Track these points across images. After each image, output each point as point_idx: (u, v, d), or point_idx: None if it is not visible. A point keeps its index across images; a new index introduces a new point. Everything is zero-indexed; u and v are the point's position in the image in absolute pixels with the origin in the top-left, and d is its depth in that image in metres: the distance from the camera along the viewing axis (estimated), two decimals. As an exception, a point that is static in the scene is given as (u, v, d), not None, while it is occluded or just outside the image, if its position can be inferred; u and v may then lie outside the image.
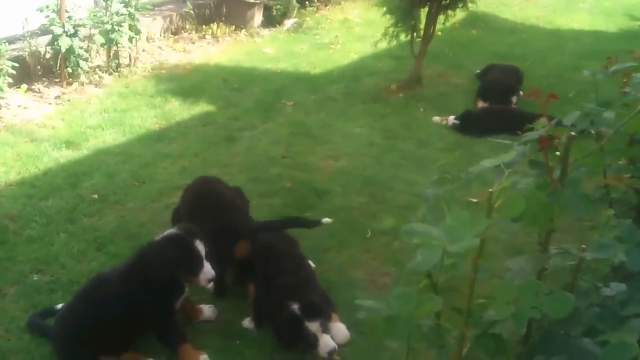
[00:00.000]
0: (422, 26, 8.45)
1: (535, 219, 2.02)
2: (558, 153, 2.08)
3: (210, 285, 4.20)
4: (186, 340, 3.98)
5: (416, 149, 7.05)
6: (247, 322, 4.36)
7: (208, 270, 3.91)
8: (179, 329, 4.01)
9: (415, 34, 8.46)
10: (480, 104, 8.31)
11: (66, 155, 6.56)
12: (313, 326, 4.02)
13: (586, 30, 12.27)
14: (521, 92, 8.29)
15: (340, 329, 4.24)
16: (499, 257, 3.35)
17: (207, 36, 11.01)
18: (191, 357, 3.95)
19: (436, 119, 7.79)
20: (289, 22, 11.70)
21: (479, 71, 9.21)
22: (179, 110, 7.85)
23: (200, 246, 3.90)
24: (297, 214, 5.39)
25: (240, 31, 11.24)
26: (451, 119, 7.63)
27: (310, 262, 4.74)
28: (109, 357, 3.91)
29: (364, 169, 6.43)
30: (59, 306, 4.30)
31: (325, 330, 4.08)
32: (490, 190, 2.06)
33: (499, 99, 8.15)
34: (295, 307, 4.06)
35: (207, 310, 4.38)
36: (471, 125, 7.46)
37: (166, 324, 3.94)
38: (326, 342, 4.03)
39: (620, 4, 14.18)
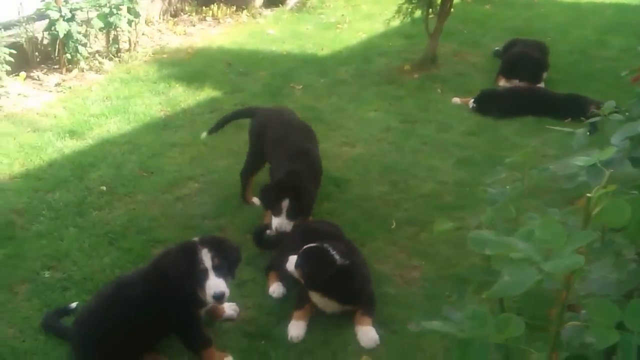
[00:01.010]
0: (438, 1, 8.13)
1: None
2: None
3: (216, 303, 3.74)
4: (211, 345, 3.74)
5: (436, 133, 6.79)
6: (273, 289, 4.29)
7: (213, 284, 3.56)
8: (204, 332, 3.78)
9: (430, 10, 8.13)
10: (503, 82, 7.99)
11: (70, 145, 6.29)
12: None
13: (607, 3, 11.91)
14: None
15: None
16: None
17: (207, 18, 10.71)
18: (216, 360, 3.73)
19: (456, 100, 7.51)
20: (291, 1, 11.38)
21: (498, 48, 8.87)
22: (184, 97, 7.57)
23: (206, 256, 3.58)
24: (316, 205, 5.13)
25: (242, 12, 10.93)
26: (471, 102, 7.35)
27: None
28: (130, 360, 3.67)
29: (382, 155, 6.17)
30: (74, 305, 4.10)
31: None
32: (588, 195, 1.79)
33: (529, 76, 7.80)
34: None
35: (229, 308, 4.14)
36: (490, 106, 7.17)
37: (190, 328, 3.71)
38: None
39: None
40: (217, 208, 5.29)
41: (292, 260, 4.09)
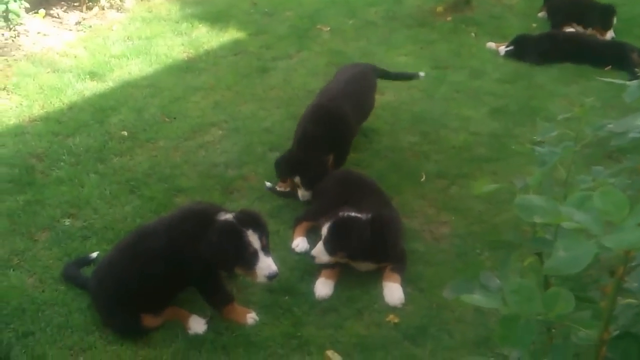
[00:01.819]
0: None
1: None
2: None
3: (268, 282, 3.62)
4: (232, 300, 3.65)
5: (469, 80, 6.49)
6: (297, 243, 4.19)
7: (266, 265, 3.45)
8: (225, 288, 3.68)
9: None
10: (570, 28, 7.52)
11: (91, 87, 6.13)
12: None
13: None
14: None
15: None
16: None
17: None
18: (238, 316, 3.64)
19: (491, 44, 7.15)
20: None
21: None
22: (207, 38, 7.31)
23: (254, 238, 3.43)
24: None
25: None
26: (502, 48, 6.99)
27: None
28: (150, 313, 3.58)
29: (412, 103, 5.91)
30: (94, 255, 4.02)
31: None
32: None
33: (599, 21, 7.33)
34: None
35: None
36: (528, 51, 6.81)
37: (211, 283, 3.60)
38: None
39: None
40: (240, 156, 5.13)
41: (320, 249, 3.92)
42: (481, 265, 4.10)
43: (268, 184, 4.76)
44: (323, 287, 3.87)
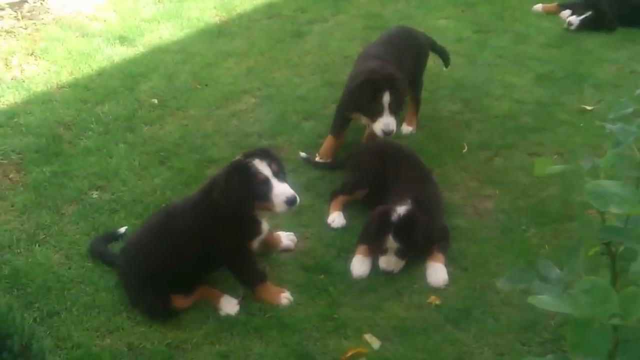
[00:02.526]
0: None
1: None
2: None
3: (289, 208, 3.33)
4: (265, 279, 3.48)
5: (513, 44, 6.18)
6: (332, 218, 4.00)
7: (281, 190, 3.23)
8: (257, 266, 3.51)
9: None
10: None
11: (120, 52, 5.96)
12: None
13: None
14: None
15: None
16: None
17: None
18: (271, 296, 3.47)
19: (537, 7, 6.75)
20: None
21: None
22: (240, 1, 7.06)
23: (262, 165, 3.23)
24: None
25: None
26: (572, 17, 6.42)
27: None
28: (180, 293, 3.43)
29: (453, 70, 5.60)
30: (123, 230, 3.89)
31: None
32: None
33: None
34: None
35: (286, 238, 3.85)
36: (605, 14, 6.36)
37: (243, 261, 3.44)
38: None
39: None
40: (274, 125, 4.94)
41: (392, 260, 3.64)
42: (527, 242, 3.91)
43: (303, 154, 4.55)
44: (360, 265, 3.68)
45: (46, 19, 6.46)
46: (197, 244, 3.31)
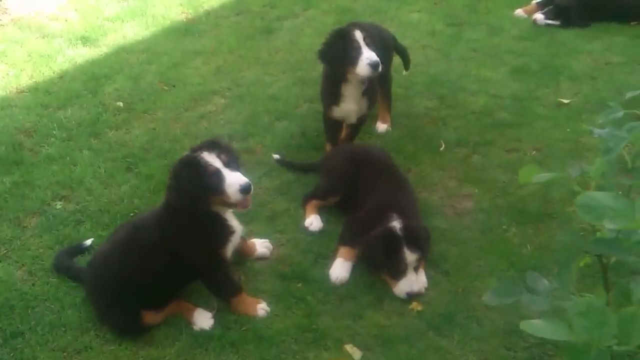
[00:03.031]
0: None
1: None
2: None
3: (245, 197, 3.11)
4: (241, 290, 3.33)
5: (487, 37, 6.11)
6: (310, 221, 3.86)
7: (233, 179, 3.04)
8: (232, 277, 3.34)
9: None
10: None
11: (83, 53, 5.75)
12: (410, 256, 3.38)
13: None
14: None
15: (419, 276, 3.52)
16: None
17: None
18: (247, 307, 3.32)
19: (519, 12, 6.61)
20: None
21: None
22: (207, -3, 6.88)
23: (210, 157, 3.06)
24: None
25: None
26: (540, 17, 6.37)
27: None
28: (151, 309, 3.25)
29: (427, 65, 5.50)
30: (89, 242, 3.71)
31: (417, 270, 3.47)
32: None
33: None
34: (396, 224, 3.47)
35: (260, 245, 3.70)
36: (571, 15, 6.28)
37: (217, 272, 3.26)
38: (410, 282, 3.40)
39: None
40: (245, 127, 4.79)
41: (417, 279, 3.45)
42: (508, 242, 3.81)
43: (276, 156, 4.40)
44: (341, 270, 3.55)
45: (4, 20, 6.23)
46: (166, 257, 3.15)
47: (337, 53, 4.04)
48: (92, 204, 4.03)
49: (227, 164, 3.07)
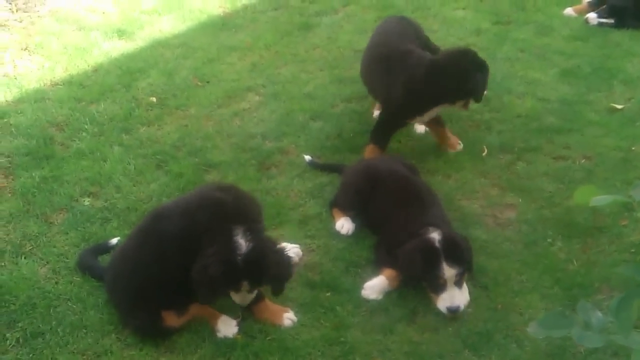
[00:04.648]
0: None
1: None
2: None
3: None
4: (263, 298, 3.18)
5: (536, 37, 5.87)
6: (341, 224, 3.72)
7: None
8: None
9: None
10: None
11: (119, 47, 5.69)
12: (449, 271, 3.18)
13: None
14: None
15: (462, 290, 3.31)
16: None
17: None
18: (273, 315, 3.18)
19: (568, 11, 6.30)
20: None
21: None
22: (245, -9, 6.77)
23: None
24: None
25: None
26: (593, 16, 6.03)
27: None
28: (174, 311, 3.13)
29: (472, 64, 5.28)
30: (115, 241, 3.61)
31: (460, 284, 3.24)
32: None
33: None
34: (435, 235, 3.27)
35: (291, 250, 3.53)
36: (627, 17, 5.95)
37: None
38: (453, 297, 3.19)
39: None
40: (279, 126, 4.66)
41: (452, 295, 3.21)
42: (553, 257, 3.57)
43: (308, 157, 4.25)
44: (376, 291, 3.34)
45: (42, 12, 6.22)
46: (187, 253, 2.98)
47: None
48: (120, 202, 3.94)
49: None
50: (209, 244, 2.94)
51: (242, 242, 2.92)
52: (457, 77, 3.95)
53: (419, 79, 4.01)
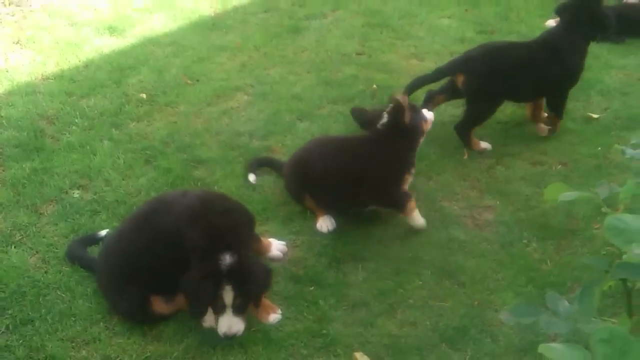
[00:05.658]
0: None
1: None
2: None
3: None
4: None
5: (517, 47, 5.95)
6: (319, 225, 3.86)
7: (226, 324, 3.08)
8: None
9: None
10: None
11: (110, 43, 5.76)
12: None
13: None
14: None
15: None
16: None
17: None
18: (262, 310, 3.25)
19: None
20: None
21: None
22: (236, -8, 6.86)
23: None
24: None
25: None
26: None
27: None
28: (162, 297, 3.22)
29: (456, 72, 5.40)
30: (103, 233, 3.67)
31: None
32: None
33: None
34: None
35: (277, 246, 3.64)
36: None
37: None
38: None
39: None
40: (266, 125, 4.75)
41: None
42: (528, 257, 3.71)
43: (252, 176, 4.22)
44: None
45: (34, 6, 6.27)
46: (181, 244, 3.07)
47: None
48: (109, 195, 4.01)
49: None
50: (195, 261, 3.04)
51: (227, 257, 3.02)
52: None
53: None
